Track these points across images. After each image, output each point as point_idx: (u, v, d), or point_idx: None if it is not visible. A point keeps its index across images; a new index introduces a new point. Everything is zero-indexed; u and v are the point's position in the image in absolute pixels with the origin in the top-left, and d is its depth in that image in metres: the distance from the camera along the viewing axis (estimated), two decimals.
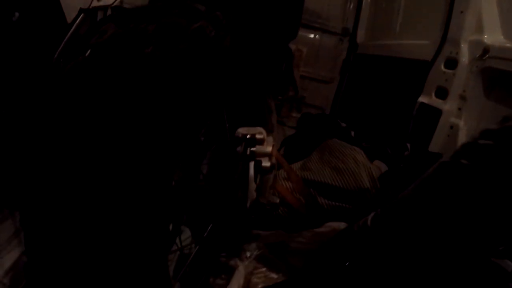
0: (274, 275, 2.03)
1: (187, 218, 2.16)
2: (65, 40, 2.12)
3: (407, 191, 1.56)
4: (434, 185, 1.45)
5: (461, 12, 2.85)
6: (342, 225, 2.06)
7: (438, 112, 2.89)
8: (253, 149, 1.97)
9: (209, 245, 2.04)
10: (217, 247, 2.06)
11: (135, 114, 1.57)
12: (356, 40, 4.61)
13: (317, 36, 4.74)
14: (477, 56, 2.66)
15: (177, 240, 2.09)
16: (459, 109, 2.78)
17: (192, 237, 2.17)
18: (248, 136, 1.99)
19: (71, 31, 2.14)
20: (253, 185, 1.93)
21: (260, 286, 1.98)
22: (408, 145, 2.90)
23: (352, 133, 3.53)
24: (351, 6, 4.65)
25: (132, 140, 1.57)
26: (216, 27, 1.89)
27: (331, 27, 4.72)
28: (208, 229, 2.02)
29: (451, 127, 2.80)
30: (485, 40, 2.66)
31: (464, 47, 2.81)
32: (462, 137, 2.72)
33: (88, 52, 1.74)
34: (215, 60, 1.91)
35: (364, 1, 4.53)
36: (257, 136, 2.00)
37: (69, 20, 2.26)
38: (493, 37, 2.67)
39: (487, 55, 2.59)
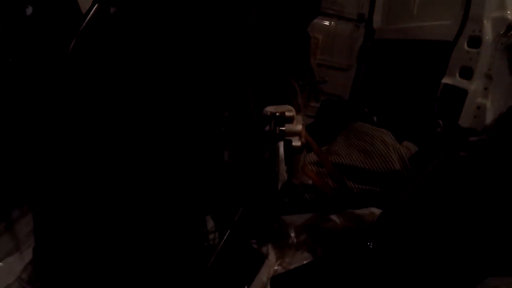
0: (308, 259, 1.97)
1: (212, 207, 2.12)
2: (79, 31, 2.09)
3: (404, 194, 1.59)
4: (421, 192, 1.49)
5: None
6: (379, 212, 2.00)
7: (463, 93, 2.82)
8: (282, 128, 1.90)
9: (240, 229, 1.99)
10: (248, 232, 2.01)
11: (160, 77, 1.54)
12: (372, 26, 4.55)
13: (332, 23, 4.69)
14: (502, 32, 2.60)
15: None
16: (485, 88, 2.72)
17: (216, 227, 2.12)
18: (277, 114, 1.92)
19: (85, 22, 2.11)
20: (283, 166, 1.87)
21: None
22: (440, 121, 2.84)
23: (375, 119, 3.46)
24: None
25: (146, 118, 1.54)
26: None
27: (347, 14, 4.66)
28: (239, 212, 1.97)
29: (478, 107, 2.73)
30: (509, 16, 2.60)
31: (487, 24, 2.74)
32: (490, 118, 2.65)
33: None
34: (241, 24, 1.87)
35: None
36: (287, 113, 1.93)
37: (83, 11, 2.24)
38: None
39: None
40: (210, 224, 2.13)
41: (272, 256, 1.92)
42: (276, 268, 1.87)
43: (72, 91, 1.65)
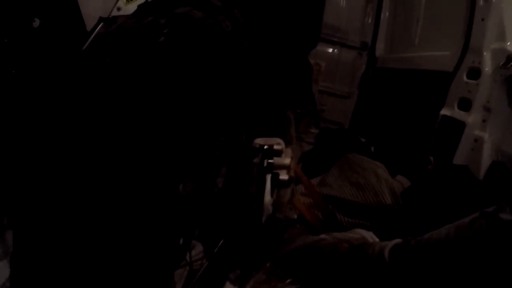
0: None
1: (200, 232, 2.09)
2: (84, 47, 2.10)
3: (438, 234, 1.42)
4: (471, 236, 1.31)
5: (482, 19, 2.77)
6: (370, 235, 1.92)
7: (461, 125, 2.80)
8: (270, 160, 1.89)
9: (219, 261, 1.95)
10: (228, 264, 1.97)
11: (139, 109, 1.51)
12: (375, 54, 4.56)
13: (335, 50, 4.69)
14: (501, 64, 2.58)
15: (187, 255, 2.02)
16: (484, 121, 2.69)
17: (204, 252, 2.09)
18: (265, 147, 1.91)
19: (90, 39, 2.13)
20: (269, 199, 1.85)
21: None
22: (431, 158, 2.80)
23: (372, 149, 3.43)
24: (370, 20, 4.60)
25: (134, 140, 1.51)
26: (233, 24, 1.84)
27: (350, 41, 4.67)
28: (219, 244, 1.94)
29: (476, 140, 2.70)
30: (509, 48, 2.58)
31: (487, 56, 2.73)
32: (487, 151, 2.62)
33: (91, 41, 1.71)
34: (231, 57, 1.86)
35: (382, 14, 4.49)
36: (275, 147, 1.92)
37: (88, 28, 2.26)
38: None
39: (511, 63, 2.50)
40: (199, 249, 2.11)
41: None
42: None
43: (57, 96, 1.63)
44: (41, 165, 1.53)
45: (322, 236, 1.91)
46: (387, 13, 4.47)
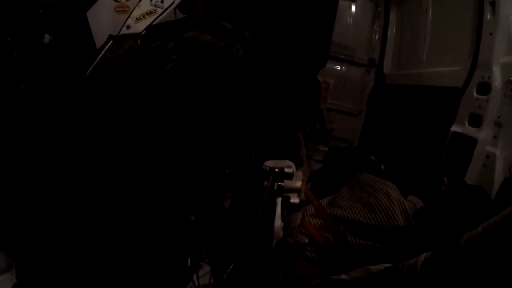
0: None
1: (207, 253, 2.06)
2: (93, 65, 2.10)
3: (475, 234, 1.36)
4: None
5: (490, 34, 2.75)
6: None
7: (472, 141, 2.77)
8: (281, 183, 1.84)
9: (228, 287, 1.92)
10: None
11: (145, 137, 1.49)
12: (383, 71, 4.55)
13: (343, 68, 4.70)
14: (511, 78, 2.56)
15: (194, 278, 1.98)
16: (495, 136, 2.66)
17: (212, 273, 2.06)
18: (276, 170, 1.88)
19: (99, 57, 2.13)
20: (279, 223, 1.81)
21: None
22: (445, 178, 2.76)
23: (382, 167, 3.39)
24: (377, 37, 4.62)
25: (143, 164, 1.49)
26: (244, 47, 1.82)
27: (357, 59, 4.67)
28: (228, 270, 1.90)
29: (487, 156, 2.67)
30: None
31: (497, 71, 2.71)
32: (500, 167, 2.58)
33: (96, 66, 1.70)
34: (241, 82, 1.83)
35: (389, 31, 4.51)
36: (286, 170, 1.88)
37: (98, 45, 2.27)
38: None
39: None
40: (206, 269, 2.07)
41: None
42: None
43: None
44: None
45: (343, 276, 1.87)
46: (394, 30, 4.49)
